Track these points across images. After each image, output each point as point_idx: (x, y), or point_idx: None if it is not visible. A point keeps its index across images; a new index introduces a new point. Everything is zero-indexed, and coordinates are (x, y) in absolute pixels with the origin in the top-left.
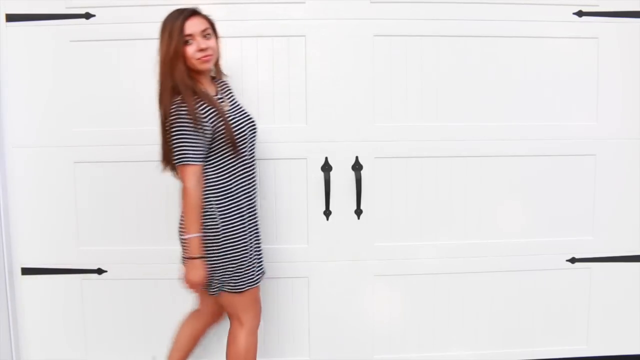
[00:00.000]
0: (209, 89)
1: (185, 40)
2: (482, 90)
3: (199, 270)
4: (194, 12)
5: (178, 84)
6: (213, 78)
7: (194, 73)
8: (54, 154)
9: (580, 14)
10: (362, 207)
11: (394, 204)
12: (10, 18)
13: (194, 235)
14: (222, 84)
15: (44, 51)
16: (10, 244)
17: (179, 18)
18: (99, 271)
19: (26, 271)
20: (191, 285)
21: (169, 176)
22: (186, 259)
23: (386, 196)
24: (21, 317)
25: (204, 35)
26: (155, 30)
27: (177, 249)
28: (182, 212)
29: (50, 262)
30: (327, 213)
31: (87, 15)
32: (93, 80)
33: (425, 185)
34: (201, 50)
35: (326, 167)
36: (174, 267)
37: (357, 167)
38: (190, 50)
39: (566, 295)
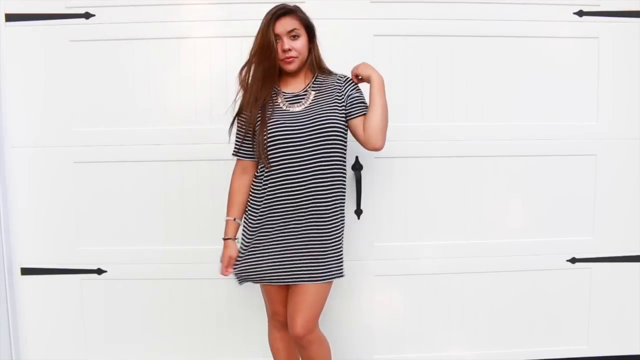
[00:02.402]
0: (292, 87)
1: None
2: (481, 90)
3: (225, 250)
4: (286, 12)
5: (250, 79)
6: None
7: (281, 69)
8: (54, 154)
9: (580, 13)
10: (362, 207)
11: (394, 204)
12: (10, 18)
13: (226, 218)
14: (321, 82)
15: (44, 51)
16: (10, 244)
17: (272, 17)
18: (99, 271)
19: (26, 271)
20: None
21: (168, 176)
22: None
23: (386, 196)
24: (21, 317)
25: (291, 35)
26: (154, 30)
27: (175, 249)
28: None
29: (50, 262)
30: None
31: (87, 15)
32: (93, 80)
33: (425, 185)
34: (284, 51)
35: None
36: (174, 267)
37: (357, 167)
38: (277, 49)
39: (566, 296)
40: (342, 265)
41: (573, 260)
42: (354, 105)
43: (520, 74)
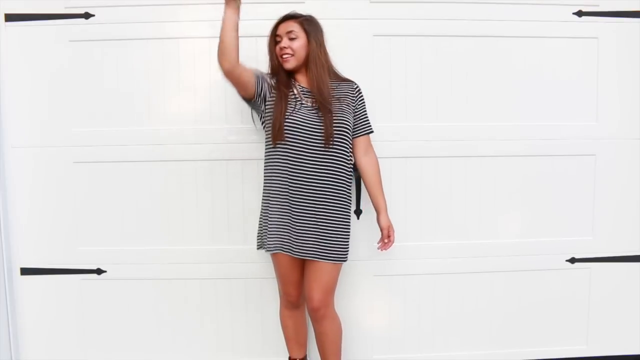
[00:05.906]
0: (304, 83)
1: (276, 40)
2: (481, 90)
3: None
4: (289, 17)
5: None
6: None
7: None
8: (54, 154)
9: (580, 14)
10: (362, 207)
11: (393, 204)
12: (10, 18)
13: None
14: (334, 86)
15: (44, 51)
16: (9, 244)
17: (277, 21)
18: (98, 271)
19: (25, 271)
20: None
21: (168, 176)
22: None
23: (386, 196)
24: (20, 317)
25: (289, 37)
26: (154, 30)
27: (175, 249)
28: None
29: (49, 262)
30: None
31: (87, 15)
32: (92, 80)
33: (425, 185)
34: (280, 49)
35: None
36: (174, 267)
37: (356, 167)
38: (277, 48)
39: (566, 295)
40: (347, 251)
41: (572, 260)
42: (361, 122)
43: (519, 74)
